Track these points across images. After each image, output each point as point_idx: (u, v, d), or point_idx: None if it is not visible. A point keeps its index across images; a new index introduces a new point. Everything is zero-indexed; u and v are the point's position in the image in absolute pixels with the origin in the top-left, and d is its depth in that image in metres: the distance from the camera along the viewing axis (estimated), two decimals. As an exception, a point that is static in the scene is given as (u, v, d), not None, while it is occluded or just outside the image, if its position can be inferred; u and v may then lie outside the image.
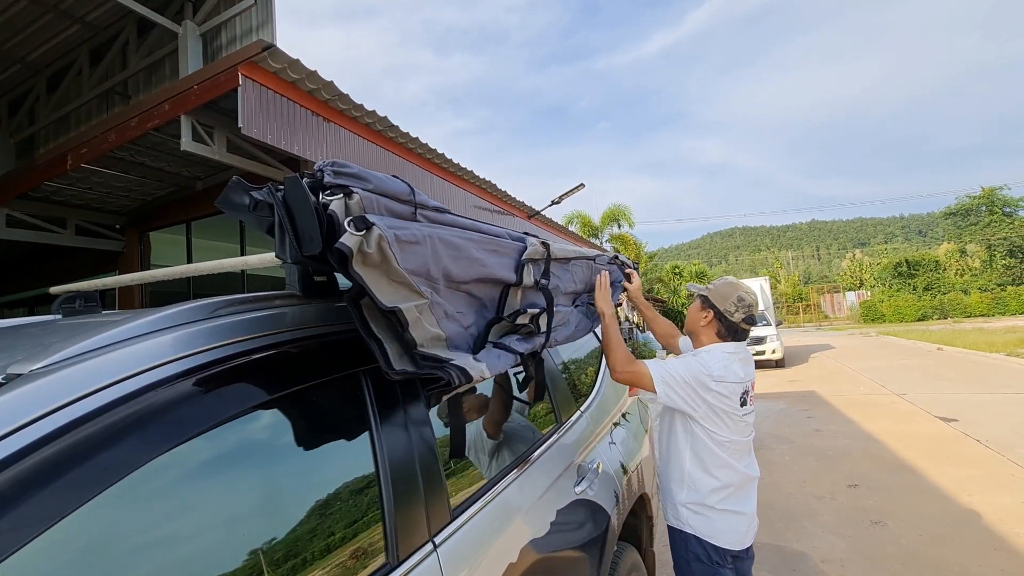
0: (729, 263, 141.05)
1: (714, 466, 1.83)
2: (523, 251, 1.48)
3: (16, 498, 0.57)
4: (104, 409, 0.68)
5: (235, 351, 0.88)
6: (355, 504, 0.99)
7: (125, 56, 5.91)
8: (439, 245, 1.10)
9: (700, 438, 1.84)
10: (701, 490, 1.85)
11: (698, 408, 1.80)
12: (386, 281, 0.96)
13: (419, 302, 1.03)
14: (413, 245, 1.01)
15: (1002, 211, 36.62)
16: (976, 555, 3.27)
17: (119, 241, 7.27)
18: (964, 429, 6.27)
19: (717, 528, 1.84)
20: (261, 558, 0.80)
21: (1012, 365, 11.33)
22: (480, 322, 1.32)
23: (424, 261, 1.06)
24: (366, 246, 0.89)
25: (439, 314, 1.12)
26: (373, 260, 0.92)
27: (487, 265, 1.29)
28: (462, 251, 1.18)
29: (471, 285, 1.27)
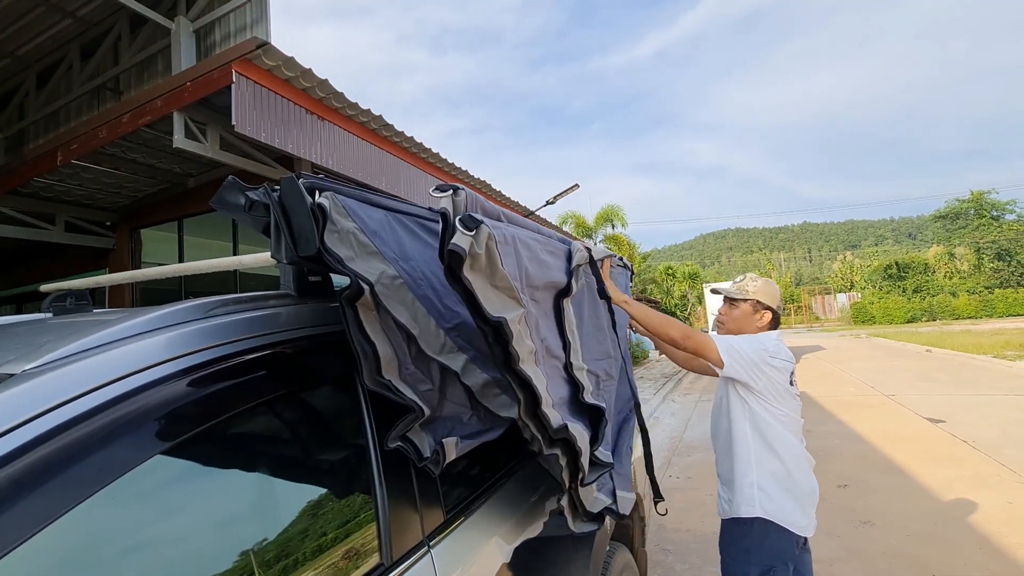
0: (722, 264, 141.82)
1: (776, 442, 1.87)
2: (570, 254, 1.46)
3: (11, 498, 0.57)
4: (98, 410, 0.68)
5: (230, 351, 0.88)
6: (349, 504, 0.99)
7: (117, 52, 5.85)
8: (519, 246, 1.06)
9: (760, 415, 1.89)
10: (768, 470, 1.86)
11: (759, 380, 1.85)
12: (491, 288, 0.91)
13: (519, 312, 0.97)
14: (504, 247, 0.96)
15: (990, 215, 37.08)
16: (962, 554, 3.31)
17: (110, 238, 7.20)
18: (952, 430, 6.35)
19: (787, 509, 1.84)
20: (255, 558, 0.80)
21: (999, 367, 11.48)
22: (549, 336, 1.27)
23: (514, 264, 1.00)
24: (476, 247, 0.84)
25: (532, 325, 1.07)
26: (481, 264, 0.87)
27: (550, 267, 1.25)
28: (534, 252, 1.14)
29: (539, 292, 1.23)
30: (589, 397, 1.39)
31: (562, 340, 1.35)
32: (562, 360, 1.34)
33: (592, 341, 1.56)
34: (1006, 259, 35.19)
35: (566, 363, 1.35)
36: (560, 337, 1.35)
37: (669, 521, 4.11)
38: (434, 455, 1.08)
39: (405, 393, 1.04)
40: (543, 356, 1.17)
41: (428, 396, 1.11)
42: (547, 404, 1.10)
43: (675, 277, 36.36)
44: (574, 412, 1.35)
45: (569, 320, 1.37)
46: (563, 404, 1.28)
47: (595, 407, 1.40)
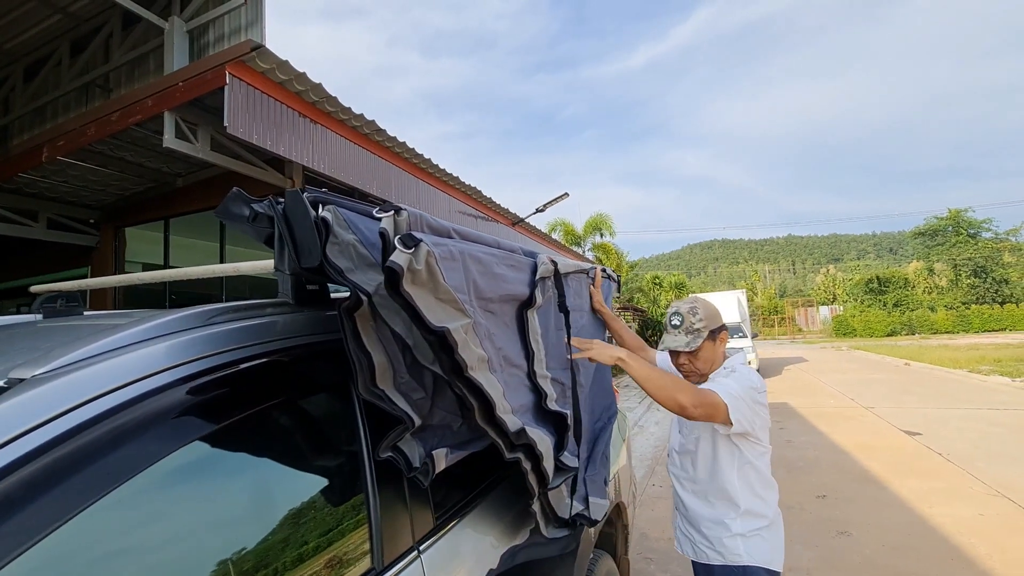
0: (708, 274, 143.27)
1: (761, 486, 1.76)
2: (535, 268, 1.50)
3: (23, 500, 0.59)
4: (105, 415, 0.70)
5: (229, 359, 0.91)
6: (343, 510, 1.01)
7: (108, 49, 5.80)
8: (469, 261, 1.11)
9: (750, 460, 1.74)
10: (756, 515, 1.74)
11: (756, 423, 1.70)
12: (434, 300, 0.96)
13: (464, 322, 1.03)
14: (450, 262, 1.02)
15: (967, 232, 38.05)
16: (934, 564, 3.40)
17: (93, 236, 7.10)
18: (927, 443, 6.50)
19: (775, 547, 1.75)
20: (253, 561, 0.83)
21: (973, 381, 11.77)
22: (508, 345, 1.32)
23: (460, 278, 1.06)
24: (415, 263, 0.89)
25: (481, 334, 1.12)
26: (422, 278, 0.92)
27: (508, 280, 1.30)
28: (487, 266, 1.19)
29: (496, 304, 1.27)
30: (552, 404, 1.44)
31: (525, 349, 1.40)
32: (524, 369, 1.39)
33: (556, 351, 1.60)
34: (982, 276, 36.08)
35: (529, 371, 1.40)
36: (523, 347, 1.40)
37: (652, 530, 4.16)
38: (423, 466, 1.11)
39: (397, 403, 1.07)
40: (501, 364, 1.22)
41: (420, 404, 1.14)
42: (503, 410, 1.14)
43: (662, 287, 36.67)
44: (537, 418, 1.39)
45: (534, 330, 1.42)
46: (526, 411, 1.33)
47: (558, 413, 1.45)
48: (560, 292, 1.61)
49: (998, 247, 37.14)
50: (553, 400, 1.45)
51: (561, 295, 1.61)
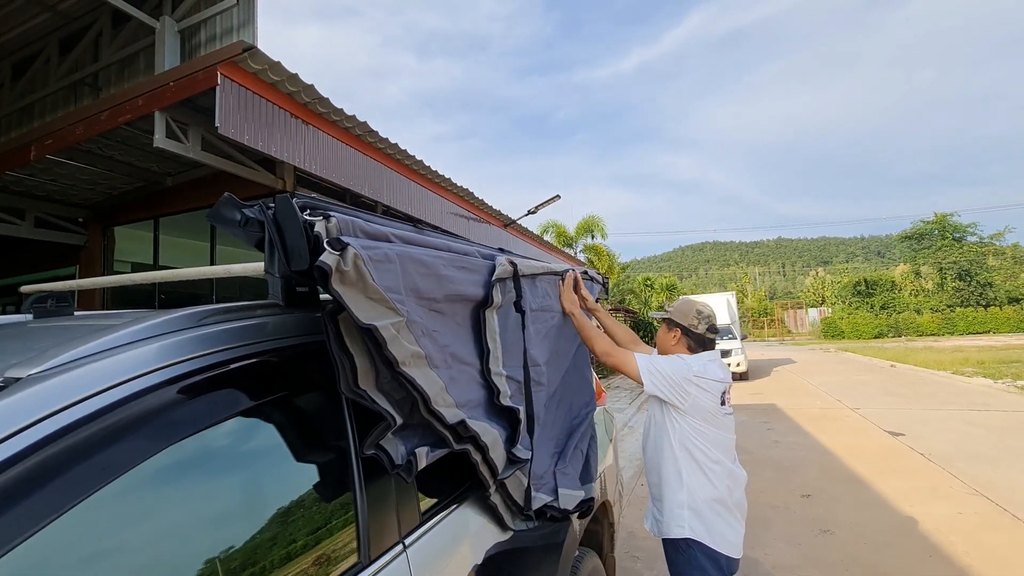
0: (699, 276, 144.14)
1: (705, 462, 1.90)
2: (493, 270, 1.54)
3: (20, 495, 0.62)
4: (100, 413, 0.72)
5: (221, 359, 0.93)
6: (331, 506, 1.04)
7: (97, 48, 5.76)
8: (408, 263, 1.16)
9: (689, 435, 1.92)
10: (698, 491, 1.89)
11: (684, 400, 1.88)
12: (363, 298, 1.01)
13: (395, 320, 1.08)
14: (385, 264, 1.07)
15: (953, 236, 38.65)
16: (914, 561, 3.48)
17: (81, 235, 7.05)
18: (910, 443, 6.62)
19: (717, 531, 1.88)
20: (242, 556, 0.85)
21: (957, 383, 11.97)
22: (457, 343, 1.37)
23: (396, 279, 1.11)
24: (343, 264, 0.95)
25: (417, 332, 1.17)
26: (351, 278, 0.97)
27: (455, 281, 1.35)
28: (430, 268, 1.24)
29: (442, 303, 1.32)
30: (506, 400, 1.49)
31: (480, 347, 1.45)
32: (476, 366, 1.44)
33: (516, 350, 1.65)
34: (967, 279, 36.64)
35: (482, 368, 1.45)
36: (477, 344, 1.45)
37: (639, 529, 4.21)
38: (406, 464, 1.15)
39: (379, 403, 1.11)
40: (446, 361, 1.28)
41: (401, 404, 1.18)
42: (440, 404, 1.20)
43: (653, 288, 36.87)
44: (489, 413, 1.45)
45: (491, 329, 1.47)
46: (476, 405, 1.39)
47: (511, 409, 1.51)
48: (518, 293, 1.66)
49: (982, 251, 37.75)
50: (507, 397, 1.50)
51: (519, 296, 1.66)
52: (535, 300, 1.87)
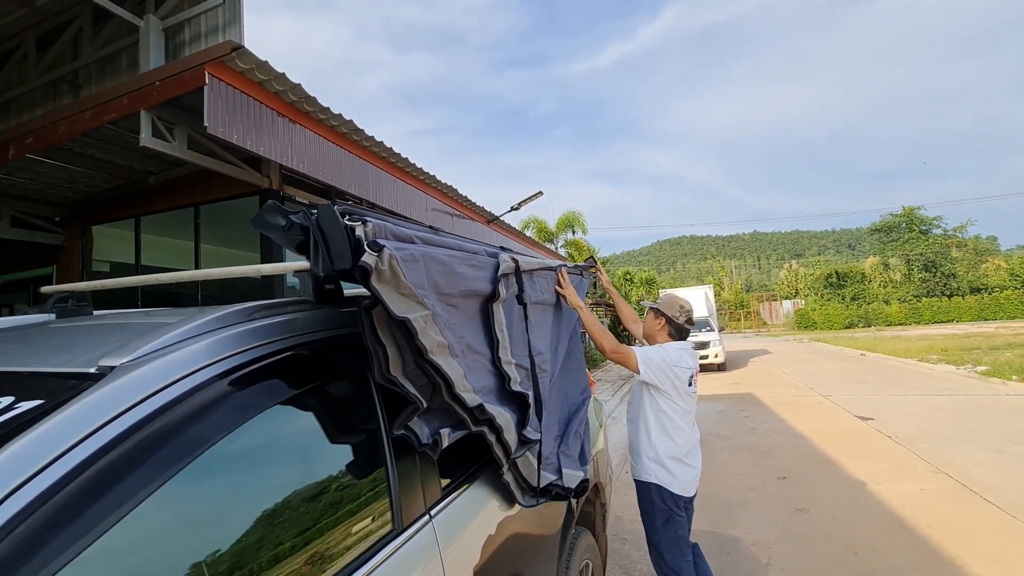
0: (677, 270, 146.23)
1: (672, 429, 2.47)
2: (497, 266, 1.67)
3: (126, 469, 0.72)
4: (183, 397, 0.83)
5: (270, 350, 1.05)
6: (369, 480, 1.17)
7: (77, 45, 5.67)
8: (430, 262, 1.28)
9: (662, 408, 2.48)
10: (663, 448, 2.46)
11: (664, 383, 2.45)
12: (397, 294, 1.13)
13: (423, 313, 1.20)
14: (412, 263, 1.19)
15: (919, 229, 40.08)
16: (880, 534, 3.74)
17: (59, 234, 6.93)
18: (878, 427, 6.97)
19: (675, 478, 2.45)
20: (298, 520, 0.97)
21: (922, 369, 12.54)
22: (470, 334, 1.49)
23: (421, 277, 1.23)
24: (381, 264, 1.06)
25: (440, 324, 1.29)
26: (386, 276, 1.09)
27: (468, 278, 1.48)
28: (447, 267, 1.37)
29: (457, 298, 1.45)
30: (516, 386, 1.63)
31: (489, 338, 1.58)
32: (488, 355, 1.57)
33: (521, 339, 1.78)
34: (932, 270, 38.07)
35: (493, 357, 1.58)
36: (488, 336, 1.58)
37: (626, 513, 4.39)
38: (431, 443, 1.28)
39: (407, 388, 1.23)
40: (463, 351, 1.40)
41: (424, 390, 1.31)
42: (461, 388, 1.33)
43: (633, 282, 37.38)
44: (501, 398, 1.59)
45: (499, 321, 1.61)
46: (489, 391, 1.52)
47: (520, 394, 1.65)
48: (520, 287, 1.79)
49: (946, 243, 39.23)
50: (517, 383, 1.64)
51: (520, 290, 1.79)
52: (534, 293, 2.00)
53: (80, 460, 0.67)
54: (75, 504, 0.64)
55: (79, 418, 0.70)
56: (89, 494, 0.66)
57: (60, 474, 0.65)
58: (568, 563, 2.07)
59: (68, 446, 0.67)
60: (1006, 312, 32.77)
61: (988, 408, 7.75)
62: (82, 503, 0.65)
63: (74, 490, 0.65)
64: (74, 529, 0.63)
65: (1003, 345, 15.58)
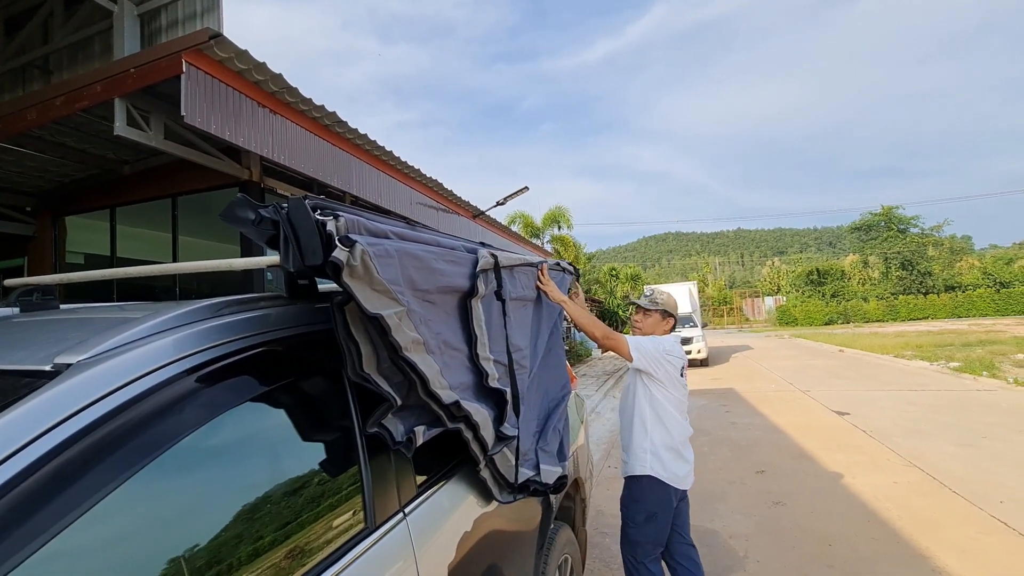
0: (662, 266, 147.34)
1: (667, 419, 2.51)
2: (476, 262, 1.66)
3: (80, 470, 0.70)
4: (143, 396, 0.81)
5: (239, 347, 1.02)
6: (341, 479, 1.15)
7: (47, 30, 5.49)
8: (405, 258, 1.26)
9: (656, 398, 2.52)
10: (658, 438, 2.49)
11: (658, 370, 2.49)
12: (370, 290, 1.11)
13: (397, 309, 1.19)
14: (386, 258, 1.17)
15: (897, 228, 40.96)
16: (854, 526, 3.82)
17: (30, 224, 6.73)
18: (854, 421, 7.12)
19: (668, 469, 2.46)
20: (268, 520, 0.95)
21: (898, 365, 12.83)
22: (448, 331, 1.48)
23: (396, 273, 1.22)
24: (352, 260, 1.05)
25: (416, 321, 1.28)
26: (358, 272, 1.07)
27: (446, 274, 1.47)
28: (423, 262, 1.35)
29: (434, 294, 1.43)
30: (494, 383, 1.62)
31: (467, 334, 1.57)
32: (465, 351, 1.56)
33: (500, 335, 1.77)
34: (909, 268, 38.97)
35: (471, 354, 1.57)
36: (465, 332, 1.57)
37: (607, 507, 4.43)
38: (406, 440, 1.27)
39: (382, 385, 1.22)
40: (439, 347, 1.39)
41: (399, 387, 1.29)
42: (437, 385, 1.32)
43: (618, 278, 37.61)
44: (479, 395, 1.58)
45: (477, 317, 1.60)
46: (466, 388, 1.51)
47: (498, 390, 1.64)
48: (499, 283, 1.78)
49: (923, 242, 40.16)
50: (495, 379, 1.63)
51: (499, 286, 1.78)
52: (514, 289, 1.99)
53: (30, 462, 0.65)
54: (23, 507, 0.62)
55: (30, 418, 0.68)
56: (39, 496, 0.64)
57: (7, 476, 0.62)
58: (547, 558, 2.08)
59: (16, 448, 0.64)
60: (978, 310, 33.71)
61: (959, 403, 7.97)
62: (31, 506, 0.62)
63: (23, 492, 0.62)
64: (23, 532, 0.61)
65: (975, 342, 16.02)
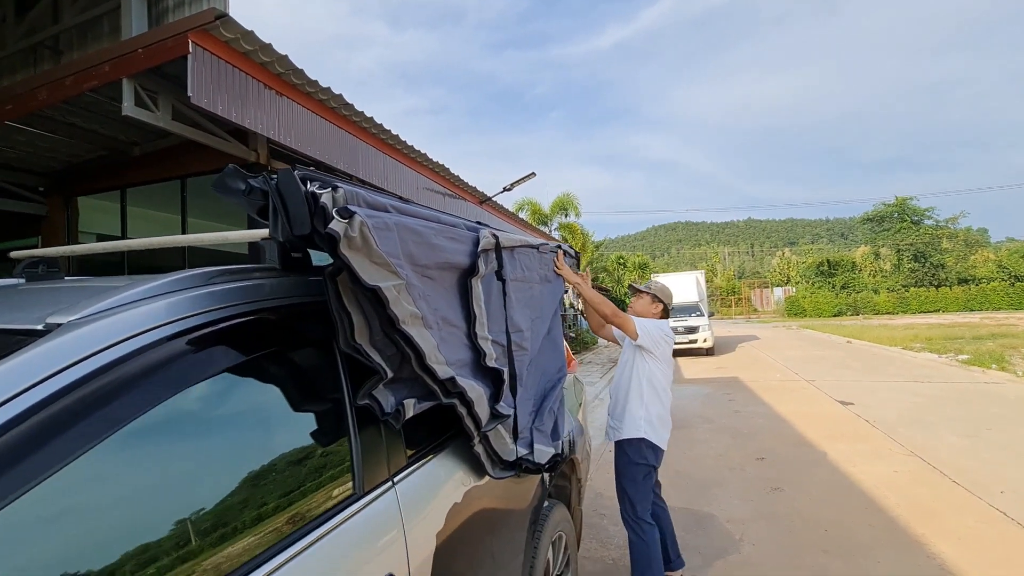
0: (671, 255, 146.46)
1: (660, 390, 2.87)
2: (478, 241, 1.67)
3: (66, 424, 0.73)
4: (130, 356, 0.83)
5: (228, 314, 1.04)
6: (329, 446, 1.18)
7: (57, 9, 5.52)
8: (404, 231, 1.28)
9: (653, 371, 2.86)
10: (654, 409, 2.83)
11: (657, 349, 2.84)
12: (368, 262, 1.12)
13: (396, 282, 1.20)
14: (385, 231, 1.19)
15: (911, 219, 40.28)
16: (851, 513, 3.84)
17: (42, 204, 6.82)
18: (858, 412, 7.10)
19: (659, 434, 2.83)
20: (255, 485, 0.99)
21: (906, 357, 12.73)
22: (446, 307, 1.49)
23: (395, 246, 1.23)
24: (351, 231, 1.06)
25: (415, 295, 1.29)
26: (356, 244, 1.08)
27: (446, 251, 1.48)
28: (423, 237, 1.36)
29: (433, 270, 1.44)
30: (492, 362, 1.64)
31: (466, 312, 1.59)
32: (464, 329, 1.57)
33: (499, 316, 1.78)
34: (921, 260, 38.40)
35: (469, 332, 1.59)
36: (464, 310, 1.59)
37: (606, 490, 4.47)
38: (395, 412, 1.29)
39: (373, 357, 1.24)
40: (438, 323, 1.41)
41: (392, 359, 1.31)
42: (433, 360, 1.33)
43: (626, 266, 37.49)
44: (475, 373, 1.60)
45: (477, 296, 1.61)
46: (463, 365, 1.53)
47: (495, 370, 1.66)
48: (500, 263, 1.79)
49: (937, 234, 39.50)
50: (493, 359, 1.65)
51: (500, 266, 1.78)
52: (515, 271, 2.00)
53: (14, 414, 0.67)
54: (5, 458, 0.64)
55: (17, 372, 0.70)
56: (23, 449, 0.66)
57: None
58: (539, 534, 2.11)
59: (4, 399, 0.67)
60: (992, 303, 33.22)
61: (965, 395, 7.91)
62: (14, 458, 0.65)
63: (6, 444, 0.65)
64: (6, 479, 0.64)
65: (986, 335, 15.82)
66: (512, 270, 1.96)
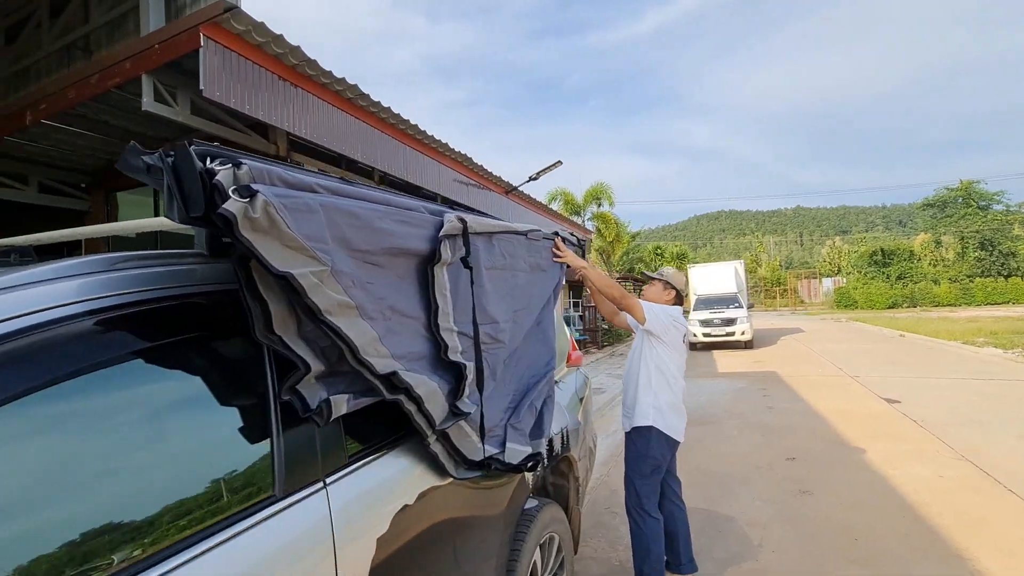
0: (714, 246, 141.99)
1: (670, 377, 2.80)
2: (440, 225, 1.56)
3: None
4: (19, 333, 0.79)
5: (134, 299, 0.99)
6: (246, 444, 1.10)
7: (87, 9, 5.73)
8: (335, 213, 1.18)
9: (662, 357, 2.81)
10: (663, 396, 2.77)
11: (666, 334, 2.78)
12: (279, 245, 1.03)
13: (317, 268, 1.10)
14: (305, 213, 1.09)
15: (978, 204, 37.43)
16: (885, 519, 3.54)
17: (85, 200, 7.17)
18: (904, 410, 6.62)
19: (670, 423, 2.77)
20: (154, 485, 0.92)
21: (965, 353, 11.84)
22: (397, 296, 1.39)
23: (320, 229, 1.13)
24: (251, 212, 0.97)
25: (346, 283, 1.20)
26: (262, 225, 0.99)
27: (395, 235, 1.37)
28: (363, 220, 1.26)
29: (379, 256, 1.34)
30: (455, 356, 1.53)
31: (426, 302, 1.48)
32: (422, 320, 1.47)
33: (467, 306, 1.66)
34: (989, 248, 35.68)
35: (429, 323, 1.48)
36: (423, 299, 1.47)
37: (621, 487, 4.32)
38: (318, 409, 1.19)
39: (296, 349, 1.15)
40: (382, 313, 1.31)
41: (328, 352, 1.22)
42: (370, 353, 1.23)
43: (663, 257, 36.60)
44: (434, 366, 1.49)
45: (440, 285, 1.49)
46: (417, 358, 1.43)
47: (456, 364, 1.54)
48: (467, 250, 1.67)
49: (1008, 220, 36.57)
50: (458, 352, 1.54)
51: (467, 253, 1.67)
52: (491, 258, 1.87)
53: None
54: None
55: None
56: None
57: None
58: (524, 535, 2.00)
59: None
60: (1069, 294, 30.54)
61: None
62: None
63: None
64: None
65: (1060, 329, 14.54)
66: (488, 258, 1.84)
